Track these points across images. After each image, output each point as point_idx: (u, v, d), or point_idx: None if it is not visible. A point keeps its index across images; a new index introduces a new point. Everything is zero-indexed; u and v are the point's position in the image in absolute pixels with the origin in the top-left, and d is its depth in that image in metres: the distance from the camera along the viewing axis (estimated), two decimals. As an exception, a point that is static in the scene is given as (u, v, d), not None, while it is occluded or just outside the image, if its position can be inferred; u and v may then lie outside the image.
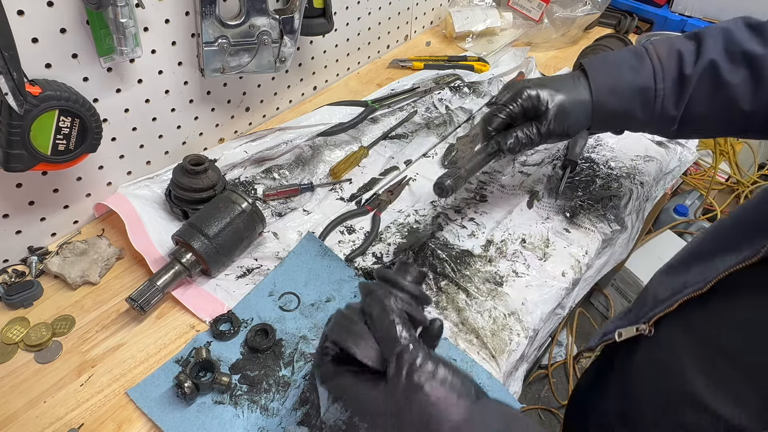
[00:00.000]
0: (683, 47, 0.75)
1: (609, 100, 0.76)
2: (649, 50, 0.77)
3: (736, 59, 0.72)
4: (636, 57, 0.77)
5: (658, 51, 0.76)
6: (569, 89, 0.77)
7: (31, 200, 0.83)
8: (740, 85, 0.71)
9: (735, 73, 0.71)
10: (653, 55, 0.76)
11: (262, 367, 0.74)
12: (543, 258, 0.90)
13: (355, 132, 1.11)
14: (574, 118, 0.78)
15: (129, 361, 0.75)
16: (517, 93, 0.78)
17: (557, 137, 0.80)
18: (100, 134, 0.78)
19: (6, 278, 0.83)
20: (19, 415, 0.69)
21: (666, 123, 0.77)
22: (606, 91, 0.76)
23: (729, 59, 0.72)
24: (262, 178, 1.01)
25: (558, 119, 0.77)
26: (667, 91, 0.74)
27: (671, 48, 0.76)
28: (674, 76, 0.74)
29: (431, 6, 1.44)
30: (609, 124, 0.81)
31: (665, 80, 0.74)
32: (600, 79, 0.76)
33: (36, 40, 0.71)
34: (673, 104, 0.75)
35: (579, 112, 0.77)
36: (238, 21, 0.88)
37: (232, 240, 0.82)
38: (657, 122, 0.77)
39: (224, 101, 1.03)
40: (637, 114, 0.77)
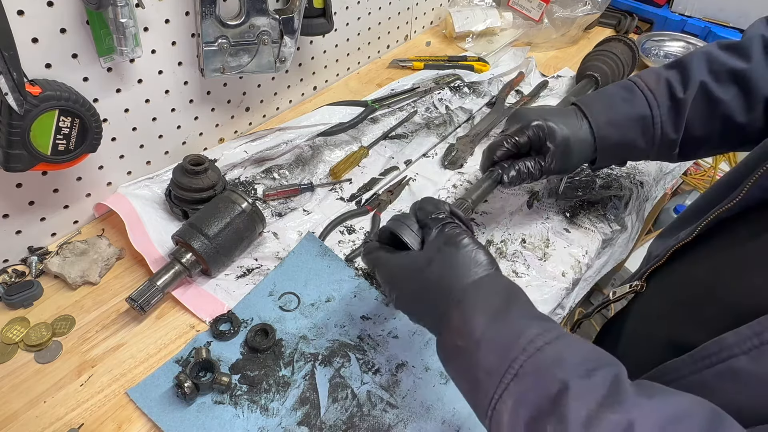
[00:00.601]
0: (669, 75, 0.79)
1: (610, 132, 0.79)
2: (637, 83, 0.80)
3: (722, 78, 0.75)
4: (626, 90, 0.80)
5: (647, 81, 0.79)
6: (573, 126, 0.79)
7: (31, 200, 0.83)
8: (732, 100, 0.75)
9: (725, 90, 0.75)
10: (642, 86, 0.79)
11: (262, 367, 0.74)
12: (543, 258, 0.90)
13: (355, 132, 1.11)
14: (576, 156, 0.80)
15: (129, 361, 0.75)
16: (526, 126, 0.79)
17: (557, 173, 0.82)
18: (100, 134, 0.78)
19: (6, 278, 0.83)
20: (19, 415, 0.69)
21: (668, 148, 0.80)
22: (605, 124, 0.78)
23: (716, 79, 0.75)
24: (262, 178, 1.01)
25: (561, 157, 0.79)
26: (664, 117, 0.77)
27: (658, 77, 0.79)
28: (668, 103, 0.77)
29: (431, 6, 1.44)
30: (613, 156, 0.83)
31: (660, 107, 0.77)
32: (597, 113, 0.79)
33: (36, 40, 0.71)
34: (672, 129, 0.78)
35: (581, 149, 0.79)
36: (238, 21, 0.88)
37: (232, 240, 0.82)
38: (659, 148, 0.80)
39: (224, 101, 1.03)
40: (639, 143, 0.79)
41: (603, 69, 1.19)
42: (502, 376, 0.44)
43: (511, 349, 0.45)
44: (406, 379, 0.74)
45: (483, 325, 0.49)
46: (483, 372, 0.46)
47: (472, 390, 0.49)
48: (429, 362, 0.76)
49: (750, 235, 0.57)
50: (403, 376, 0.74)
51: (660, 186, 1.10)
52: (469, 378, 0.49)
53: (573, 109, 0.81)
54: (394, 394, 0.72)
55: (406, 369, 0.75)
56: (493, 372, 0.45)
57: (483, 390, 0.46)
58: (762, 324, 0.44)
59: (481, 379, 0.46)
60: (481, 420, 0.48)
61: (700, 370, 0.48)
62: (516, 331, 0.48)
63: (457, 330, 0.50)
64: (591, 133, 0.79)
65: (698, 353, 0.49)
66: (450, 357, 0.52)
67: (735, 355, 0.45)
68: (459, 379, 0.52)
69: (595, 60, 1.21)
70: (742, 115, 0.75)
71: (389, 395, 0.72)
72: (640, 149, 0.80)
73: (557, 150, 0.78)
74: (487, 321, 0.49)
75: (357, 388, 0.72)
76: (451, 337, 0.51)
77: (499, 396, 0.44)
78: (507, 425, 0.43)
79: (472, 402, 0.50)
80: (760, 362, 0.43)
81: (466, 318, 0.50)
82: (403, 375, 0.74)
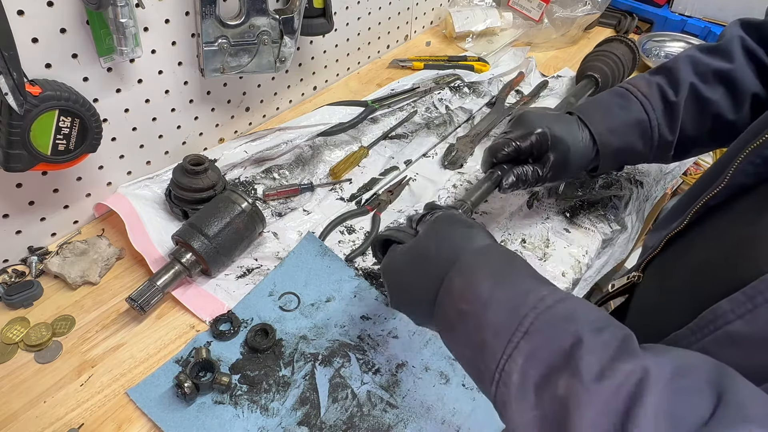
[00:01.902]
0: (658, 80, 0.82)
1: (611, 139, 0.81)
2: (629, 89, 0.83)
3: (709, 79, 0.79)
4: (620, 97, 0.83)
5: (639, 87, 0.82)
6: (575, 137, 0.80)
7: (31, 200, 0.83)
8: (720, 100, 0.78)
9: (713, 91, 0.79)
10: (635, 92, 0.82)
11: (262, 367, 0.74)
12: (543, 258, 0.90)
13: (355, 132, 1.11)
14: (574, 166, 0.81)
15: (129, 361, 0.75)
16: (530, 132, 0.80)
17: (552, 181, 0.84)
18: (100, 134, 0.78)
19: (6, 278, 0.82)
20: (19, 415, 0.69)
21: (664, 150, 0.83)
22: (606, 132, 0.81)
23: (703, 81, 0.79)
24: (262, 178, 1.01)
25: (560, 166, 0.80)
26: (660, 120, 0.80)
27: (649, 82, 0.82)
28: (662, 106, 0.80)
29: (431, 6, 1.44)
30: (614, 162, 0.85)
31: (656, 111, 0.80)
32: (597, 123, 0.81)
33: (36, 40, 0.71)
34: (668, 131, 0.81)
35: (579, 159, 0.81)
36: (238, 21, 0.88)
37: (232, 240, 0.82)
38: (656, 150, 0.82)
39: (224, 101, 1.03)
40: (638, 147, 0.81)
41: (603, 70, 1.19)
42: (512, 334, 0.43)
43: (521, 307, 0.45)
44: (406, 379, 0.74)
45: (489, 287, 0.48)
46: (491, 333, 0.45)
47: (478, 354, 0.47)
48: (429, 362, 0.76)
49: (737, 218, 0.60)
50: (403, 376, 0.74)
51: (660, 186, 1.10)
52: (475, 342, 0.47)
53: (574, 118, 0.83)
54: (394, 394, 0.72)
55: (406, 369, 0.75)
56: (501, 331, 0.44)
57: (490, 352, 0.45)
58: (755, 288, 0.45)
59: (488, 340, 0.45)
60: (486, 389, 0.47)
61: (699, 340, 0.49)
62: (524, 291, 0.47)
63: (460, 294, 0.50)
64: (592, 141, 0.81)
65: (696, 324, 0.50)
66: (452, 324, 0.51)
67: (731, 321, 0.46)
68: (462, 346, 0.51)
69: (595, 60, 1.21)
70: (731, 112, 0.79)
71: (389, 395, 0.72)
72: (639, 153, 0.83)
73: (557, 160, 0.80)
74: (492, 283, 0.49)
75: (357, 388, 0.72)
76: (454, 303, 0.51)
77: (509, 355, 0.43)
78: (516, 386, 0.42)
79: (477, 370, 0.49)
80: (754, 324, 0.44)
81: (471, 281, 0.50)
82: (403, 375, 0.74)
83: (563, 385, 0.39)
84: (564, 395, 0.39)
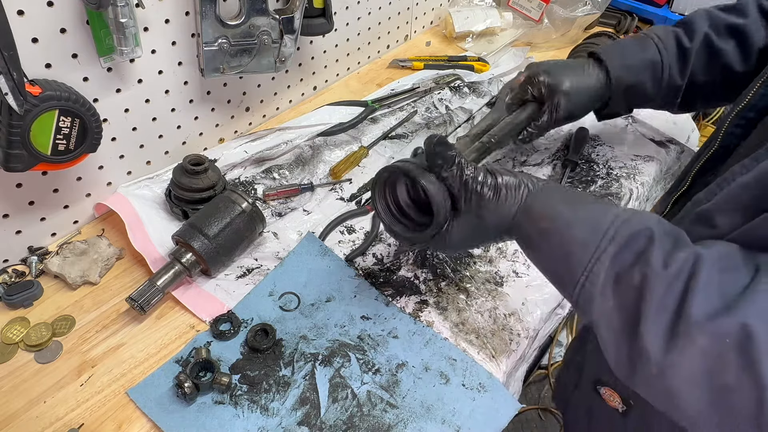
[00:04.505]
0: (676, 30, 0.89)
1: (624, 75, 0.87)
2: (648, 34, 0.90)
3: (722, 32, 0.85)
4: (639, 40, 0.89)
5: (657, 33, 0.89)
6: (578, 76, 0.86)
7: (31, 200, 0.83)
8: (731, 51, 0.85)
9: (725, 42, 0.85)
10: (653, 36, 0.88)
11: (262, 367, 0.74)
12: (543, 258, 0.90)
13: (355, 132, 1.11)
14: (582, 104, 0.87)
15: (129, 361, 0.75)
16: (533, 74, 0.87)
17: (564, 119, 0.89)
18: (100, 134, 0.78)
19: (6, 278, 0.82)
20: (19, 415, 0.69)
21: (672, 94, 0.89)
22: (620, 67, 0.87)
23: (716, 33, 0.86)
24: (262, 178, 1.01)
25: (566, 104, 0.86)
26: (672, 63, 0.86)
27: (667, 30, 0.90)
28: (676, 51, 0.87)
29: (431, 6, 1.44)
30: (624, 101, 0.91)
31: (669, 54, 0.86)
32: (613, 59, 0.87)
33: (36, 40, 0.71)
34: (678, 75, 0.87)
35: (586, 97, 0.87)
36: (238, 21, 0.88)
37: (232, 240, 0.82)
38: (665, 93, 0.88)
39: (224, 101, 1.03)
40: (648, 87, 0.87)
41: None
42: (598, 242, 0.51)
43: (601, 223, 0.53)
44: (406, 379, 0.74)
45: (567, 209, 0.57)
46: (576, 245, 0.53)
47: (561, 264, 0.55)
48: (429, 362, 0.76)
49: None
50: (403, 376, 0.74)
51: (660, 186, 1.10)
52: (558, 254, 0.56)
53: (583, 60, 0.89)
54: (394, 394, 0.72)
55: (406, 369, 0.75)
56: (588, 242, 0.52)
57: (576, 260, 0.53)
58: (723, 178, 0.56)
59: (574, 251, 0.53)
60: (567, 291, 0.55)
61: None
62: (600, 210, 0.55)
63: (542, 215, 0.58)
64: (606, 78, 0.86)
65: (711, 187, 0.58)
66: (535, 241, 0.59)
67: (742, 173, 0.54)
68: (544, 258, 0.59)
69: (582, 51, 1.24)
70: (739, 64, 0.85)
71: (389, 395, 0.72)
72: (649, 94, 0.88)
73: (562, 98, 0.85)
74: (568, 206, 0.57)
75: (357, 388, 0.72)
76: (535, 223, 0.58)
77: (597, 259, 0.51)
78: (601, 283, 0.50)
79: (558, 276, 0.57)
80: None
81: (551, 203, 0.58)
82: (403, 375, 0.74)
83: (638, 276, 0.48)
84: (638, 284, 0.47)
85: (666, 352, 0.44)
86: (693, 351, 0.43)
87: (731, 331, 0.42)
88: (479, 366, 0.75)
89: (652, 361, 0.45)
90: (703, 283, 0.45)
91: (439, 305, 0.82)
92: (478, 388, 0.73)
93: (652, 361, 0.45)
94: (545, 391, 1.85)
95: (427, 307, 0.82)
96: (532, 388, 1.86)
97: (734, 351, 0.41)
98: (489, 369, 0.75)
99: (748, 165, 0.54)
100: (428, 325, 0.80)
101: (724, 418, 0.43)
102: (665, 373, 0.45)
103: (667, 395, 0.46)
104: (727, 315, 0.42)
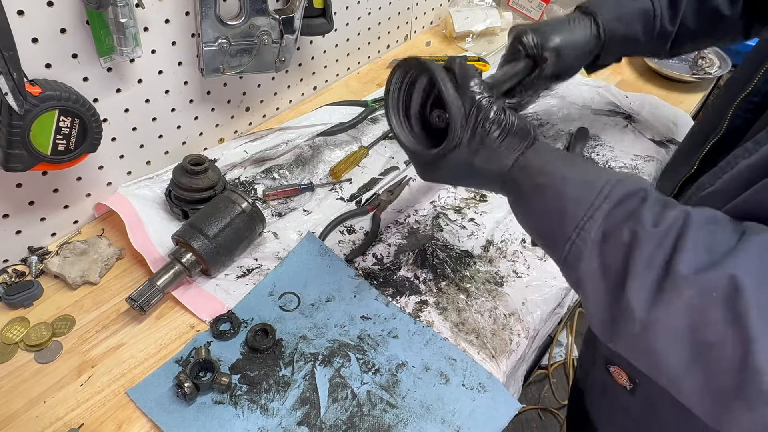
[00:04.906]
0: None
1: (617, 27, 0.86)
2: None
3: None
4: None
5: None
6: (565, 31, 0.85)
7: (31, 200, 0.83)
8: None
9: None
10: None
11: (262, 367, 0.74)
12: (543, 258, 0.90)
13: (355, 132, 1.11)
14: (571, 59, 0.86)
15: (129, 361, 0.75)
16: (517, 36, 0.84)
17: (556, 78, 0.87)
18: (100, 134, 0.78)
19: (6, 278, 0.82)
20: (19, 415, 0.69)
21: (662, 41, 0.89)
22: (613, 20, 0.86)
23: None
24: (262, 178, 1.01)
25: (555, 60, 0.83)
26: (664, 11, 0.86)
27: None
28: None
29: (431, 6, 1.44)
30: (616, 52, 0.90)
31: (660, 2, 0.86)
32: (605, 11, 0.86)
33: (36, 40, 0.71)
34: (669, 22, 0.87)
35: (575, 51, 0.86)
36: (238, 21, 0.88)
37: (232, 240, 0.82)
38: (656, 41, 0.89)
39: (224, 101, 1.03)
40: (640, 36, 0.87)
41: None
42: (593, 199, 0.51)
43: (597, 181, 0.53)
44: (406, 379, 0.74)
45: (564, 166, 0.56)
46: (571, 201, 0.53)
47: (553, 220, 0.55)
48: (429, 362, 0.76)
49: None
50: (403, 376, 0.74)
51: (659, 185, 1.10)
52: (551, 210, 0.55)
53: (570, 15, 0.88)
54: (394, 394, 0.72)
55: (406, 369, 0.75)
56: (582, 199, 0.52)
57: (570, 217, 0.52)
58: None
59: (567, 208, 0.53)
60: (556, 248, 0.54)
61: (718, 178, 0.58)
62: (596, 170, 0.55)
63: (539, 170, 0.57)
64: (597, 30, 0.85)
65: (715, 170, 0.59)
66: (528, 195, 0.58)
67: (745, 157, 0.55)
68: (536, 215, 0.58)
69: None
70: (726, 8, 0.86)
71: (389, 395, 0.72)
72: (640, 43, 0.88)
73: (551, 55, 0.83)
74: (565, 164, 0.57)
75: (357, 388, 0.72)
76: (531, 177, 0.58)
77: (590, 217, 0.51)
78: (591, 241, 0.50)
79: (548, 232, 0.56)
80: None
81: (549, 159, 0.58)
82: (403, 375, 0.74)
83: (627, 234, 0.48)
84: (628, 241, 0.48)
85: (651, 308, 0.45)
86: (678, 305, 0.43)
87: (718, 285, 0.42)
88: (479, 366, 0.75)
89: (636, 319, 0.45)
90: (692, 241, 0.45)
91: (439, 305, 0.82)
92: (478, 388, 0.73)
93: (636, 318, 0.45)
94: (545, 391, 1.85)
95: (427, 307, 0.82)
96: (532, 388, 1.86)
97: (720, 305, 0.41)
98: (489, 369, 0.75)
99: (750, 148, 0.54)
100: (428, 325, 0.80)
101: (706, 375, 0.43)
102: (648, 330, 0.45)
103: (649, 354, 0.46)
104: (714, 269, 0.43)
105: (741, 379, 0.41)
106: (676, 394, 0.47)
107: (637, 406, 0.73)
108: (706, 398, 0.44)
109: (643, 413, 0.73)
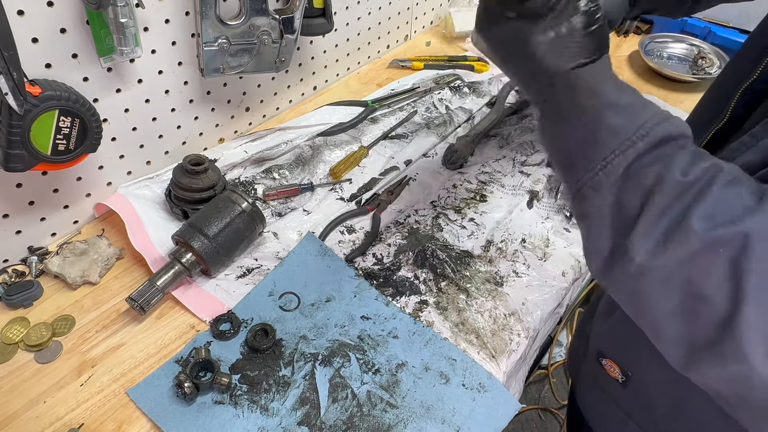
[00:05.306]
0: None
1: None
2: None
3: None
4: None
5: None
6: None
7: (31, 200, 0.83)
8: None
9: None
10: None
11: (262, 367, 0.74)
12: (543, 258, 0.90)
13: (355, 132, 1.11)
14: None
15: (129, 361, 0.75)
16: None
17: None
18: (100, 134, 0.78)
19: (6, 278, 0.83)
20: (19, 415, 0.69)
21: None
22: None
23: None
24: (262, 178, 1.01)
25: None
26: None
27: None
28: None
29: (431, 6, 1.44)
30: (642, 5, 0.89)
31: None
32: None
33: (36, 40, 0.71)
34: None
35: None
36: (238, 21, 0.88)
37: (232, 240, 0.82)
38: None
39: (224, 101, 1.03)
40: None
41: None
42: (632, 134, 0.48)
43: (641, 114, 0.50)
44: (406, 379, 0.74)
45: (614, 92, 0.52)
46: (609, 130, 0.50)
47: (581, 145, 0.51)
48: (429, 362, 0.76)
49: None
50: (403, 376, 0.74)
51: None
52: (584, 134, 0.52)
53: None
54: (394, 394, 0.72)
55: (406, 369, 0.75)
56: (620, 131, 0.49)
57: (601, 146, 0.49)
58: None
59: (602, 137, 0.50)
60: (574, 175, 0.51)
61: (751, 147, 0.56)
62: (642, 103, 0.52)
63: (587, 89, 0.52)
64: None
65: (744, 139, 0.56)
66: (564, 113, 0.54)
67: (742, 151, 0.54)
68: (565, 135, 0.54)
69: None
70: None
71: (389, 395, 0.72)
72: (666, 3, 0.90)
73: None
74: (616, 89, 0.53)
75: (357, 388, 0.72)
76: (574, 96, 0.53)
77: (622, 152, 0.48)
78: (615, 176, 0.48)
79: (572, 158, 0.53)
80: None
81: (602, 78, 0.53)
82: (403, 375, 0.74)
83: (652, 177, 0.46)
84: (650, 185, 0.46)
85: (652, 255, 0.44)
86: (682, 257, 0.43)
87: (728, 242, 0.41)
88: (479, 366, 0.75)
89: (635, 262, 0.45)
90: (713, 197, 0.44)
91: (439, 305, 0.82)
92: (478, 388, 0.73)
93: (636, 261, 0.45)
94: (545, 391, 1.85)
95: (427, 307, 0.82)
96: (532, 388, 1.86)
97: (725, 261, 0.41)
98: (489, 369, 0.75)
99: (747, 142, 0.53)
100: (428, 325, 0.80)
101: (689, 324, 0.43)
102: (644, 274, 0.44)
103: (638, 295, 0.46)
104: (727, 226, 0.42)
105: (721, 334, 0.41)
106: (651, 337, 0.47)
107: (629, 399, 0.73)
108: (682, 347, 0.44)
109: (635, 406, 0.72)
